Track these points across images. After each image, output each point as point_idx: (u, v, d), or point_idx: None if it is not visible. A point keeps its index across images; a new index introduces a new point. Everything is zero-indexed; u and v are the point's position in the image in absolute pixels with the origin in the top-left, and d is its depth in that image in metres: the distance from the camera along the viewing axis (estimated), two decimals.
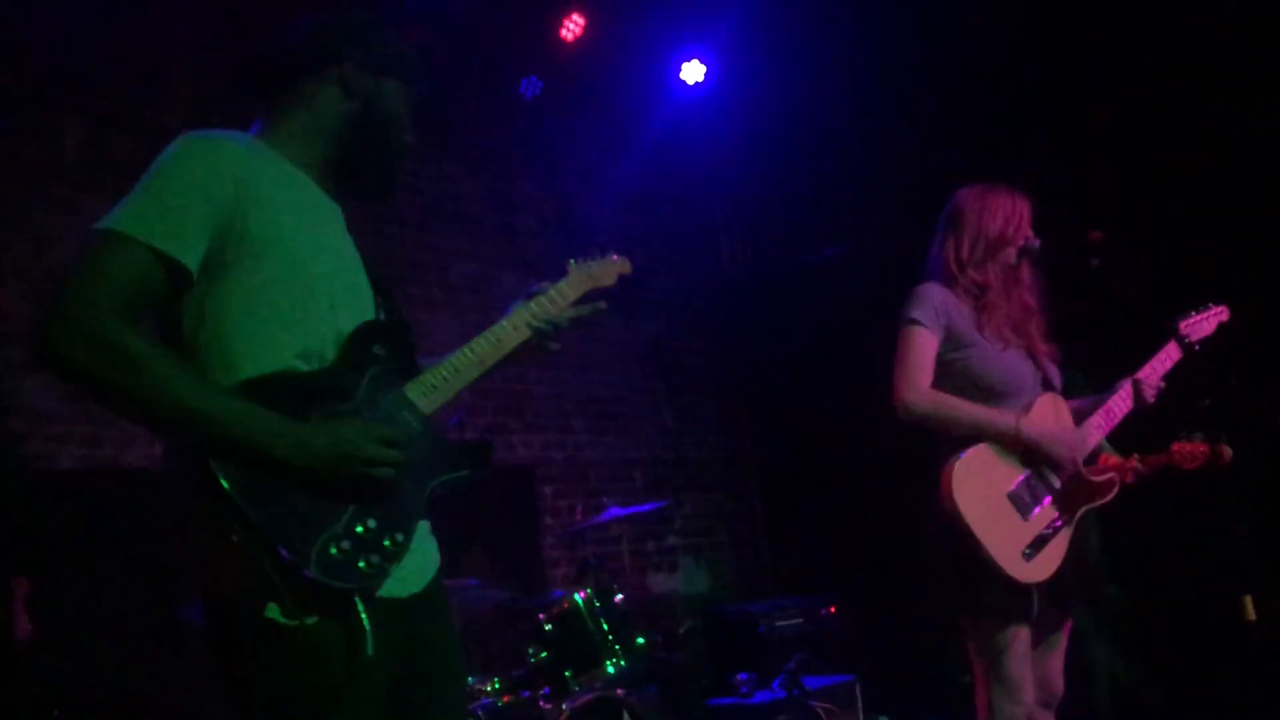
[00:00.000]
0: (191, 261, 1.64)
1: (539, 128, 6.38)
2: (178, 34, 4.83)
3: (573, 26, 6.03)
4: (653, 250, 7.07)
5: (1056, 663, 3.00)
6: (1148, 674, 5.25)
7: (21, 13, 4.22)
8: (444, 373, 1.89)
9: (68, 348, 1.55)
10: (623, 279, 2.33)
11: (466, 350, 1.96)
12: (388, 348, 1.82)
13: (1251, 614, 2.58)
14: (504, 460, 5.80)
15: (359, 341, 1.78)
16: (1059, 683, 3.00)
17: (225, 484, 1.54)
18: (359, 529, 1.63)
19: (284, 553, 1.53)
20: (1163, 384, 2.97)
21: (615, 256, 2.40)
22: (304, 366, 1.71)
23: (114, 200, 1.68)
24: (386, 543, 1.65)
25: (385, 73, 1.91)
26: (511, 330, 2.06)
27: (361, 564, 1.61)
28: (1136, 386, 2.95)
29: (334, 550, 1.58)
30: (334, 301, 1.77)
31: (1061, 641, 2.99)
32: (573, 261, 2.31)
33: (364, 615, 1.60)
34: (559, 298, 2.17)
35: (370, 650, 1.59)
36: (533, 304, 2.12)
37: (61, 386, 3.76)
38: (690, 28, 6.60)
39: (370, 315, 1.85)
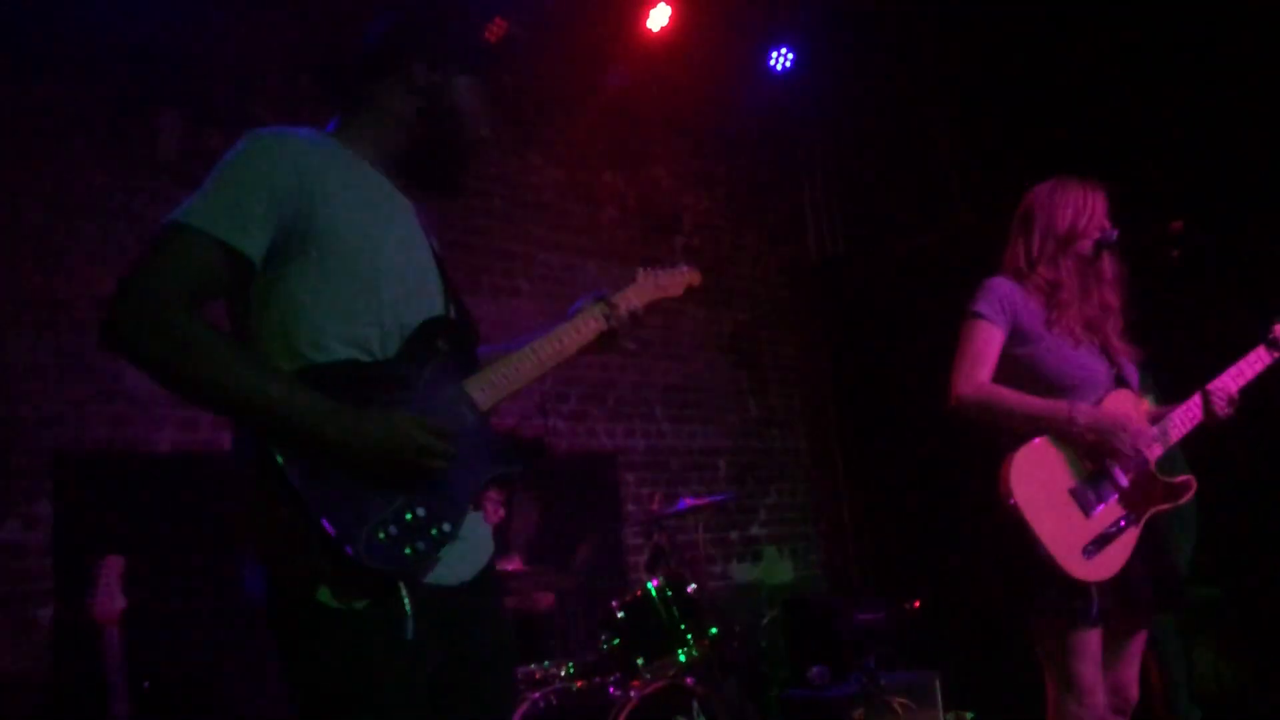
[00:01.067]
0: (255, 253, 1.69)
1: (622, 118, 6.40)
2: (272, 33, 4.98)
3: (659, 16, 6.02)
4: (738, 238, 7.05)
5: (1131, 668, 2.91)
6: (1254, 677, 5.06)
7: (123, 11, 4.41)
8: (504, 370, 1.93)
9: (135, 334, 1.61)
10: (711, 267, 2.30)
11: (529, 351, 2.00)
12: (450, 343, 1.86)
13: None
14: (587, 447, 5.87)
15: (422, 335, 1.81)
16: (1133, 689, 2.92)
17: (281, 466, 1.60)
18: (408, 516, 1.67)
19: (332, 534, 1.58)
20: (1237, 396, 2.85)
21: (685, 268, 2.40)
22: (365, 357, 1.75)
23: None
24: (434, 531, 1.69)
25: (455, 68, 1.94)
26: (574, 333, 2.08)
27: (408, 550, 1.65)
28: (1206, 398, 2.84)
29: (381, 535, 1.63)
30: (398, 295, 1.80)
31: (1136, 648, 2.91)
32: (641, 269, 2.33)
33: (406, 601, 1.64)
34: (624, 304, 2.19)
35: (410, 635, 1.64)
36: (598, 307, 2.14)
37: None
38: (778, 13, 6.54)
39: (436, 310, 1.88)
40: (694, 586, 4.08)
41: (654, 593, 3.94)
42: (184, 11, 4.63)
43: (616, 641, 3.91)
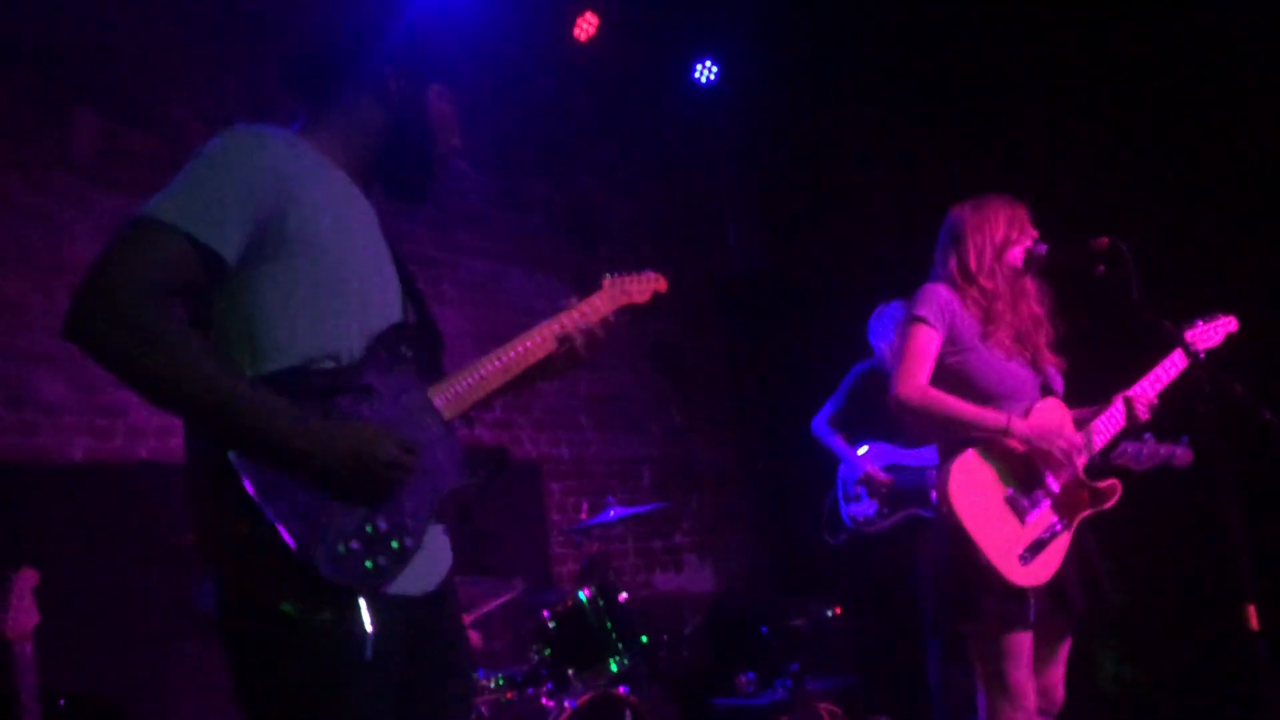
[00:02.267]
0: (229, 253, 1.65)
1: (550, 126, 6.39)
2: (192, 28, 4.86)
3: (586, 26, 6.03)
4: (661, 248, 7.09)
5: (1057, 671, 3.00)
6: (1153, 681, 5.24)
7: (36, 8, 4.26)
8: (468, 378, 1.91)
9: (100, 326, 1.56)
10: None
11: (493, 358, 1.97)
12: (415, 350, 1.84)
13: (1255, 623, 2.57)
14: (511, 456, 5.82)
15: (387, 342, 1.79)
16: (1059, 691, 3.01)
17: (242, 475, 1.56)
18: (369, 529, 1.64)
19: (293, 546, 1.55)
20: (1156, 401, 2.97)
21: (652, 274, 2.40)
22: (331, 363, 1.72)
23: (128, 194, 1.70)
24: (395, 544, 1.67)
25: (426, 77, 1.91)
26: (538, 337, 2.06)
27: (368, 564, 1.62)
28: (1128, 404, 2.96)
29: (342, 549, 1.60)
30: (365, 301, 1.78)
31: (1063, 652, 3.00)
32: (608, 276, 2.31)
33: (365, 615, 1.61)
34: (590, 312, 2.17)
35: (370, 649, 1.61)
36: (562, 316, 2.11)
37: (71, 378, 3.78)
38: (702, 26, 6.60)
39: (399, 317, 1.86)
40: (625, 595, 4.08)
41: (586, 602, 3.92)
42: (98, 6, 4.48)
43: (548, 652, 3.88)
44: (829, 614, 5.58)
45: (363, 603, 1.62)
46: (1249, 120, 4.80)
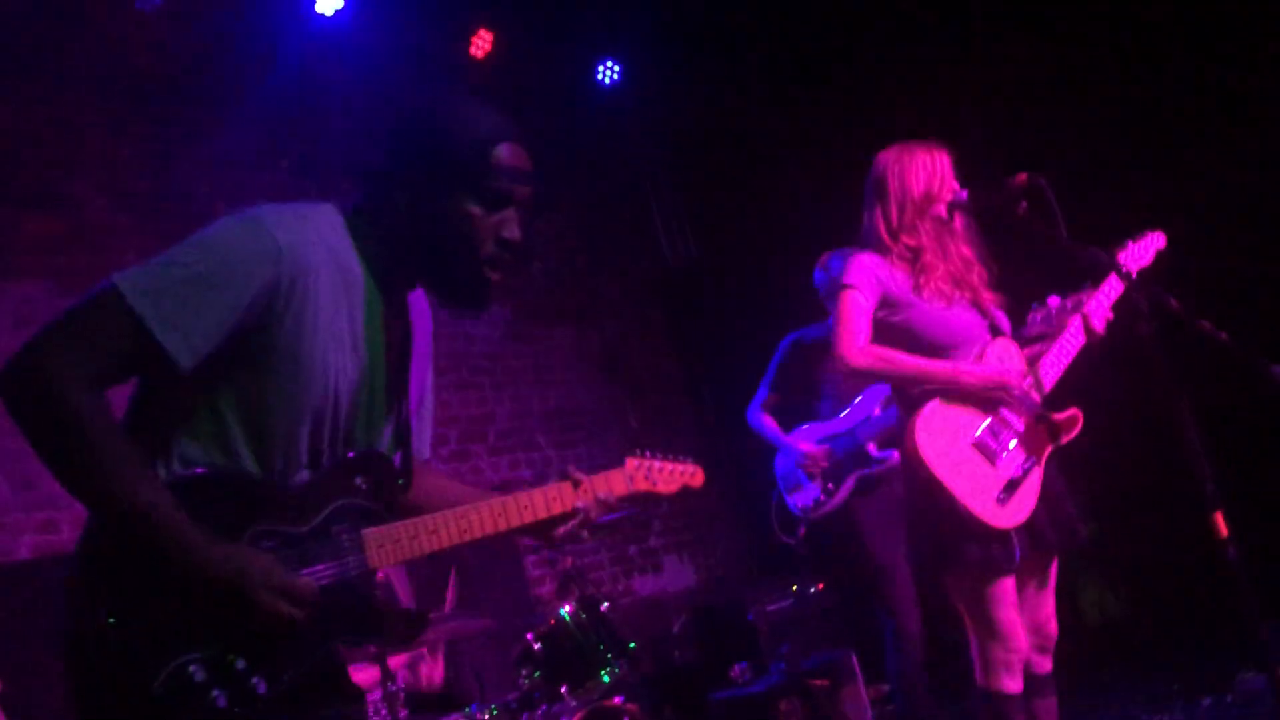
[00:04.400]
0: (186, 362, 1.57)
1: None
2: (85, 105, 4.72)
3: (481, 43, 5.98)
4: (594, 255, 7.05)
5: (1046, 605, 3.01)
6: (1135, 606, 5.30)
7: None
8: (413, 530, 1.77)
9: (22, 391, 1.52)
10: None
11: (452, 516, 1.82)
12: (370, 482, 1.75)
13: (1224, 530, 2.59)
14: (474, 485, 5.74)
15: (341, 467, 1.72)
16: (1052, 625, 3.02)
17: (121, 569, 1.52)
18: (225, 659, 1.55)
19: (133, 660, 1.49)
20: (1111, 314, 3.00)
21: (691, 466, 2.17)
22: (266, 476, 1.65)
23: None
24: (245, 686, 1.56)
25: (472, 191, 1.77)
26: (516, 506, 1.89)
27: (214, 694, 1.53)
28: (1085, 320, 2.97)
29: (190, 672, 1.51)
30: (333, 426, 1.70)
31: (1049, 583, 3.01)
32: (635, 455, 2.10)
33: None
34: (603, 492, 1.97)
35: None
36: (562, 489, 1.92)
37: (13, 474, 3.62)
38: (598, 27, 6.57)
39: (365, 445, 1.77)
40: (607, 605, 4.03)
41: (569, 618, 3.87)
42: None
43: (538, 674, 3.82)
44: (812, 590, 5.56)
45: None
46: (1147, 36, 4.88)
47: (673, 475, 2.13)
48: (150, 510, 1.51)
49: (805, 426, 4.56)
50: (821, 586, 5.61)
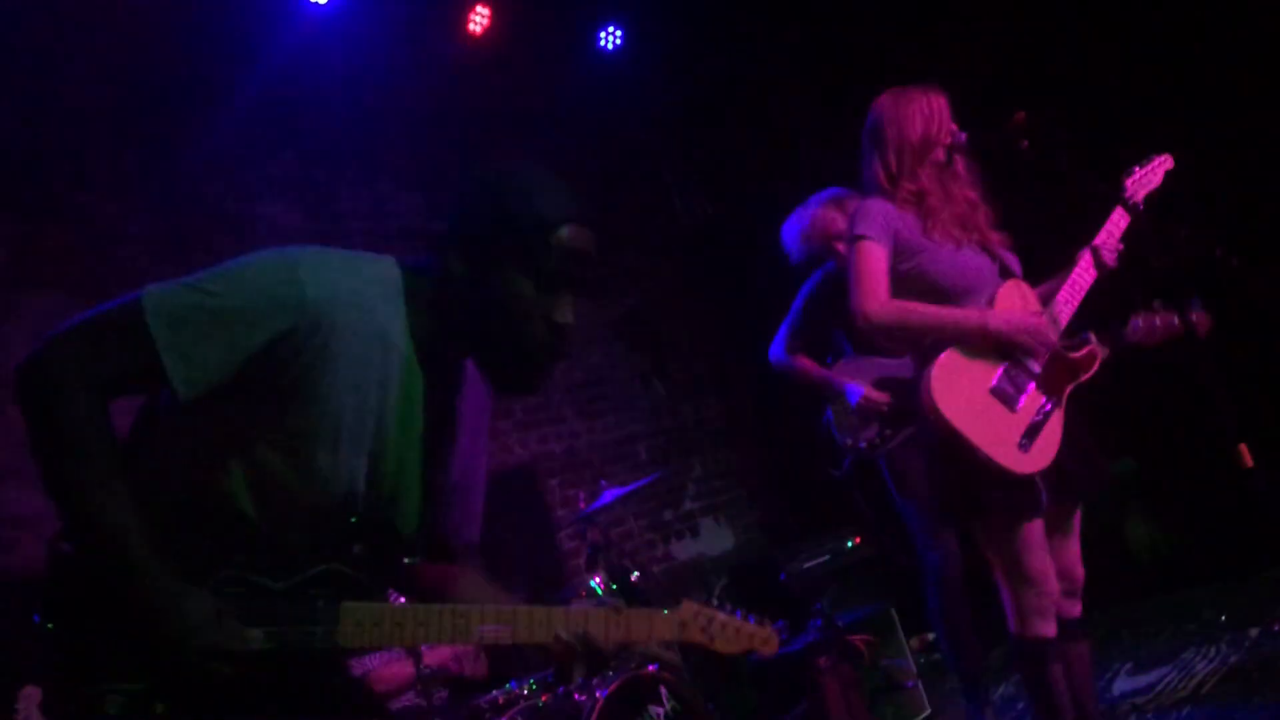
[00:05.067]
0: (187, 392, 1.55)
1: (464, 128, 6.29)
2: (89, 114, 4.74)
3: (479, 19, 5.92)
4: (607, 224, 6.99)
5: (1073, 549, 2.97)
6: (1182, 541, 5.22)
7: None
8: (400, 616, 1.65)
9: (29, 381, 1.54)
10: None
11: (449, 612, 1.68)
12: (369, 552, 1.68)
13: (1249, 460, 2.54)
14: (503, 464, 5.77)
15: (340, 532, 1.67)
16: (1078, 569, 2.97)
17: (62, 578, 1.53)
18: (148, 701, 1.51)
19: (63, 673, 1.51)
20: (1121, 245, 2.92)
21: (765, 628, 1.87)
22: (257, 523, 1.62)
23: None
24: None
25: (528, 270, 1.70)
26: (527, 624, 1.72)
27: None
28: (1095, 253, 2.89)
29: (110, 706, 1.49)
30: (342, 492, 1.66)
31: (1074, 528, 2.96)
32: (692, 601, 1.88)
33: None
34: (640, 633, 1.81)
35: None
36: (586, 616, 1.76)
37: None
38: None
39: (390, 518, 1.73)
40: (637, 574, 4.04)
41: (599, 590, 3.88)
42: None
43: None
44: (849, 545, 5.54)
45: None
46: None
47: (738, 635, 1.86)
48: (114, 527, 1.50)
49: (847, 361, 4.42)
50: (859, 540, 5.58)
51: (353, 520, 1.68)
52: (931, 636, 5.18)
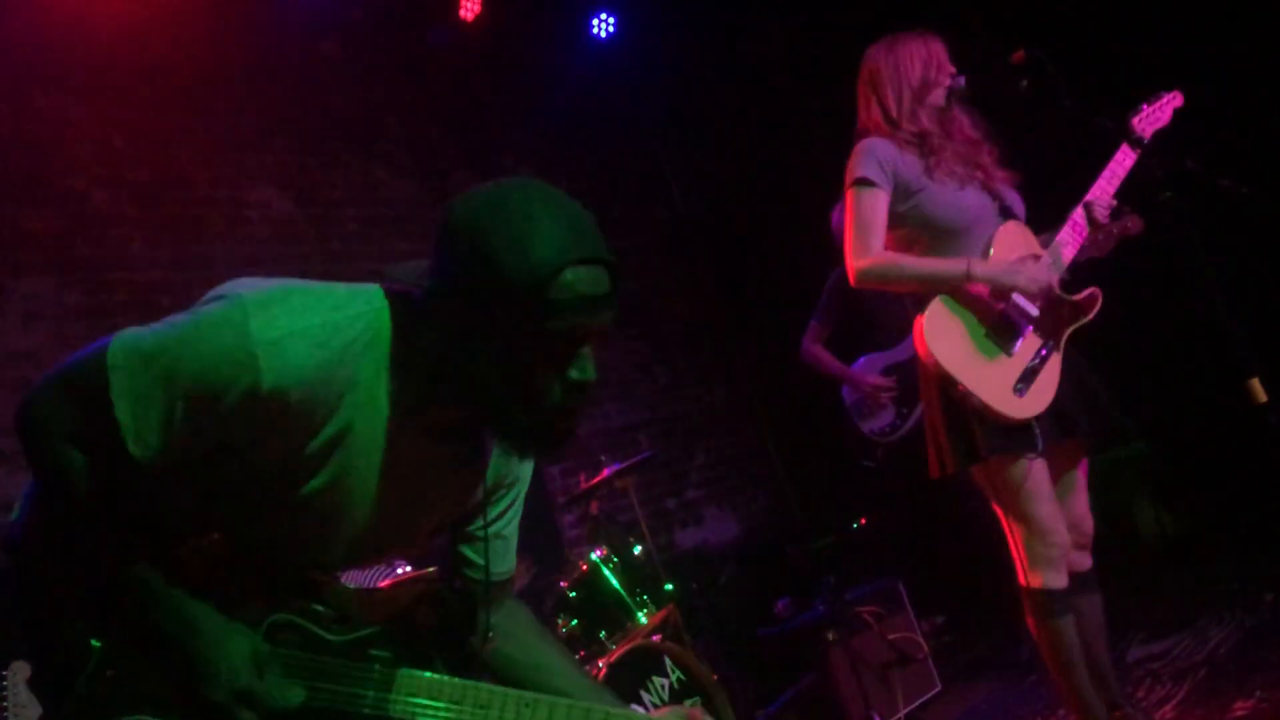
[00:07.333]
0: (137, 451, 1.42)
1: (459, 115, 6.25)
2: (77, 97, 4.69)
3: (470, 5, 5.88)
4: (605, 212, 6.91)
5: (1081, 500, 2.90)
6: (1192, 517, 5.13)
7: None
8: (461, 693, 1.54)
9: (20, 436, 1.48)
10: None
11: (512, 700, 1.56)
12: (437, 620, 1.59)
13: (1262, 395, 2.47)
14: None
15: (406, 589, 1.59)
16: (1088, 521, 2.90)
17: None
18: None
19: (89, 700, 1.46)
20: (1115, 201, 2.85)
21: None
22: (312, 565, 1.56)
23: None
24: None
25: (531, 335, 1.43)
26: None
27: None
28: (1088, 209, 2.83)
29: None
30: (343, 548, 1.59)
31: (1080, 478, 2.89)
32: (697, 706, 1.84)
33: None
34: None
35: None
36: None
37: None
38: None
39: (339, 573, 1.66)
40: (640, 549, 3.97)
41: (600, 563, 3.81)
42: None
43: (575, 622, 3.77)
44: (855, 527, 5.47)
45: None
46: None
47: None
48: (139, 574, 1.47)
49: (865, 358, 4.54)
50: (864, 521, 5.51)
51: (415, 575, 1.66)
52: (941, 620, 5.11)
